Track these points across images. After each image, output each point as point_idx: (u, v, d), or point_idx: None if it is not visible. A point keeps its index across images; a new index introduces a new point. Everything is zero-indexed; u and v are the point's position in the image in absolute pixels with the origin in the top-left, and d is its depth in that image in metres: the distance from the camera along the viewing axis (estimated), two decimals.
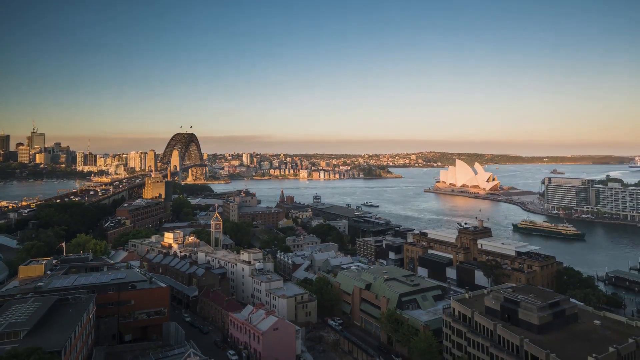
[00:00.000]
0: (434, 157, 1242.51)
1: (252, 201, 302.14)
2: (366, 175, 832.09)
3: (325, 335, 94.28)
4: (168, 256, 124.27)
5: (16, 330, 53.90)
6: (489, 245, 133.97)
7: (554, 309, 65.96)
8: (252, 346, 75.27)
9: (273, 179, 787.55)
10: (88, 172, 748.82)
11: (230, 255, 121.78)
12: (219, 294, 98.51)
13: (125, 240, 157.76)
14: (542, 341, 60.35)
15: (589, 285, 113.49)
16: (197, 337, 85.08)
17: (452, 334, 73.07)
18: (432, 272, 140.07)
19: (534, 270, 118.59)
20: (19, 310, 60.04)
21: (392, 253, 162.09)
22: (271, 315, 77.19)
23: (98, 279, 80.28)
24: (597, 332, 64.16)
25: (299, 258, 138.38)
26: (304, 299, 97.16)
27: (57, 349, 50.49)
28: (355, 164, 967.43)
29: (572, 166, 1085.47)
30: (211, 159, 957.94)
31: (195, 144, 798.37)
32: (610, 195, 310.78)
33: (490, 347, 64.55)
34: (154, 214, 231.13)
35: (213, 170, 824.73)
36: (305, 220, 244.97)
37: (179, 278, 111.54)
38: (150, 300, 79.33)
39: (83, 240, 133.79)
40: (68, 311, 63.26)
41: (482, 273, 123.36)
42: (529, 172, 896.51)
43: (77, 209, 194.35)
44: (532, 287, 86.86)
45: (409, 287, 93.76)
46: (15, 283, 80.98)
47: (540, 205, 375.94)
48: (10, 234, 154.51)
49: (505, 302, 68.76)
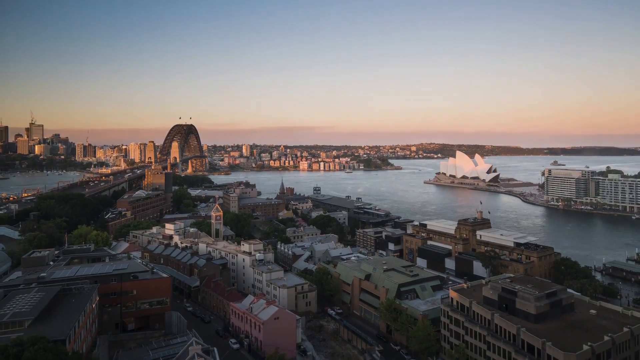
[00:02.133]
0: (434, 149, 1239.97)
1: (252, 193, 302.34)
2: (366, 166, 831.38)
3: (325, 324, 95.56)
4: (169, 247, 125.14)
5: (21, 320, 54.70)
6: (488, 236, 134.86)
7: (551, 299, 66.82)
8: (253, 335, 76.39)
9: (273, 170, 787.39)
10: (87, 164, 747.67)
11: (231, 246, 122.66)
12: (220, 284, 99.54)
13: (126, 231, 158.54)
14: (539, 330, 61.29)
15: (586, 276, 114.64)
16: (199, 326, 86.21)
17: (450, 323, 74.11)
18: (431, 262, 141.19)
19: (532, 260, 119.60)
20: (23, 300, 60.84)
21: (392, 244, 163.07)
22: (272, 305, 78.14)
23: (100, 269, 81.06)
24: (593, 321, 65.11)
25: (299, 249, 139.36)
26: (304, 289, 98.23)
27: (62, 337, 51.29)
28: (356, 156, 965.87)
29: (573, 157, 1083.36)
30: (211, 150, 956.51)
31: (195, 136, 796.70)
32: (610, 186, 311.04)
33: (487, 335, 65.56)
34: (155, 205, 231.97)
35: (213, 161, 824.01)
36: (305, 212, 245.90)
37: (180, 268, 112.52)
38: (152, 291, 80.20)
39: (84, 231, 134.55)
40: (71, 301, 64.11)
41: (480, 264, 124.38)
42: (530, 163, 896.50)
43: (77, 201, 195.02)
44: (530, 277, 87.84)
45: (408, 277, 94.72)
46: (18, 273, 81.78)
47: (539, 196, 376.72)
48: (11, 225, 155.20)
49: (503, 292, 69.62)
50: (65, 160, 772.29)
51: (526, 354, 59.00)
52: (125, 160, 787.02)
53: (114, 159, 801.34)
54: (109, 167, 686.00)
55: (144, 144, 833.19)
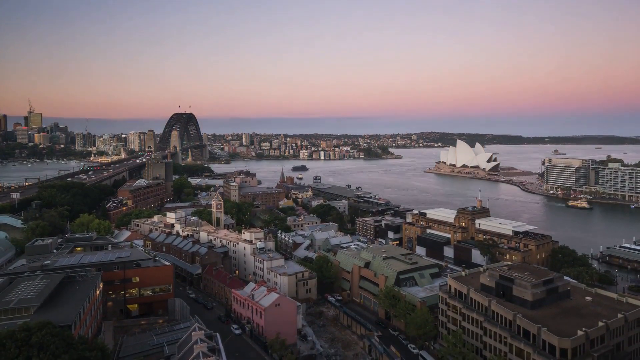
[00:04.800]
0: (434, 138, 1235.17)
1: (252, 182, 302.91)
2: (366, 155, 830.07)
3: (325, 310, 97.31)
4: (171, 235, 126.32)
5: (27, 306, 55.85)
6: (487, 225, 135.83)
7: (548, 286, 67.89)
8: (254, 321, 77.90)
9: (273, 159, 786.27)
10: (87, 153, 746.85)
11: (232, 235, 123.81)
12: (222, 272, 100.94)
13: (128, 220, 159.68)
14: (535, 316, 62.47)
15: (583, 264, 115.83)
16: (202, 312, 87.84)
17: (447, 309, 75.41)
18: (430, 251, 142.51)
19: (529, 249, 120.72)
20: (28, 287, 61.93)
21: (391, 232, 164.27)
22: (273, 292, 79.47)
23: (103, 257, 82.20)
24: (588, 307, 66.27)
25: (300, 237, 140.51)
26: (305, 276, 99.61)
27: (67, 323, 52.49)
28: (356, 145, 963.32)
29: (574, 146, 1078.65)
30: (211, 139, 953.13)
31: (194, 124, 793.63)
32: (610, 175, 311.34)
33: (484, 321, 66.85)
34: (156, 194, 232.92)
35: (213, 150, 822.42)
36: (305, 201, 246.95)
37: (182, 256, 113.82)
38: (155, 278, 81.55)
39: (86, 220, 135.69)
40: (75, 288, 65.26)
41: (479, 252, 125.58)
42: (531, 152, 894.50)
43: (78, 189, 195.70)
44: (527, 265, 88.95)
45: (407, 265, 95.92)
46: (22, 261, 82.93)
47: (539, 185, 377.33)
48: (13, 213, 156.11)
49: (501, 280, 70.69)
50: (65, 149, 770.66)
51: (522, 339, 60.28)
52: (125, 149, 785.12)
53: (114, 148, 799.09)
54: (109, 156, 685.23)
55: (144, 133, 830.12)
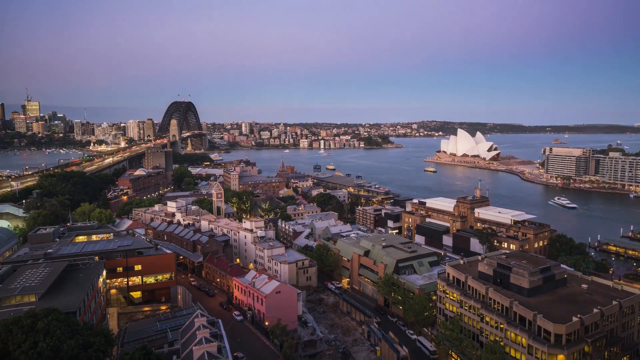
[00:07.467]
0: (435, 127, 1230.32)
1: (252, 171, 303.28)
2: (367, 144, 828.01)
3: (325, 297, 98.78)
4: (172, 224, 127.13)
5: (31, 294, 56.81)
6: (486, 214, 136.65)
7: (544, 274, 68.84)
8: (256, 308, 79.23)
9: (273, 148, 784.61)
10: (86, 142, 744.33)
11: (233, 224, 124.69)
12: (223, 260, 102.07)
13: (129, 209, 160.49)
14: (531, 303, 63.55)
15: (580, 252, 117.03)
16: (204, 299, 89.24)
17: (445, 296, 76.61)
18: (429, 239, 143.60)
19: (528, 237, 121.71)
20: (32, 275, 62.86)
21: (391, 221, 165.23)
22: (274, 280, 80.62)
23: (105, 245, 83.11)
24: (584, 295, 67.40)
25: (300, 226, 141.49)
26: (305, 264, 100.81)
27: (72, 310, 53.52)
28: (356, 134, 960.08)
29: (576, 136, 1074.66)
30: (210, 128, 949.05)
31: (194, 113, 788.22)
32: (610, 164, 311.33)
33: (480, 308, 68.01)
34: (156, 184, 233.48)
35: (212, 139, 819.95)
36: (305, 190, 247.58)
37: (183, 245, 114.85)
38: (157, 266, 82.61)
39: (87, 209, 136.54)
40: (79, 275, 66.22)
41: (477, 240, 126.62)
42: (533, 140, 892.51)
43: (79, 179, 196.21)
44: (525, 253, 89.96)
45: (406, 253, 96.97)
46: (25, 249, 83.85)
47: (539, 175, 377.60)
48: (15, 203, 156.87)
49: (498, 268, 71.63)
50: (64, 138, 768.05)
51: (517, 325, 61.47)
52: (124, 138, 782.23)
53: (113, 136, 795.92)
54: (108, 145, 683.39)
55: (143, 121, 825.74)
